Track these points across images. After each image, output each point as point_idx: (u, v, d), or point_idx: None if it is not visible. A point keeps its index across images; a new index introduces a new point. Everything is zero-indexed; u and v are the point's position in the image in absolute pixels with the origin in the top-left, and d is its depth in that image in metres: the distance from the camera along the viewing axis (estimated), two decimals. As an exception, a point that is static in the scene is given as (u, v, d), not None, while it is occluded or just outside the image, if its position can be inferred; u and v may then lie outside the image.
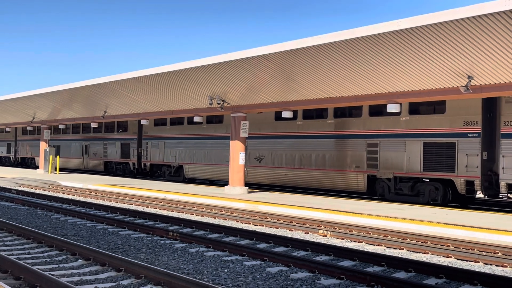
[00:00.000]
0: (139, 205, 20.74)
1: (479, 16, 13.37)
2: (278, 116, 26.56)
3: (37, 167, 48.41)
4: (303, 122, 26.70)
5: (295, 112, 25.54)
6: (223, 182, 31.91)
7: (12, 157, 57.29)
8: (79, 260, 9.93)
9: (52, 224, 15.00)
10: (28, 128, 46.28)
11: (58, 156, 41.43)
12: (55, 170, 40.55)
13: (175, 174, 34.73)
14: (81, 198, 23.36)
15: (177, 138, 34.60)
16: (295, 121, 26.90)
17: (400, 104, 20.11)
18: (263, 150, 28.39)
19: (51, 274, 8.42)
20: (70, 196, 24.24)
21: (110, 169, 41.76)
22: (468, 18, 13.58)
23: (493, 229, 13.93)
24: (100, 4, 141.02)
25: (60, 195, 24.92)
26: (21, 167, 55.67)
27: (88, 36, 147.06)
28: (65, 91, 31.20)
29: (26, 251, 10.80)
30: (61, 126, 41.48)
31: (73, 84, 29.92)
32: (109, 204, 20.52)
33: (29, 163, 54.13)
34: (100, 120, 36.82)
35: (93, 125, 37.24)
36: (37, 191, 26.39)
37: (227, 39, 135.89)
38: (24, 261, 9.65)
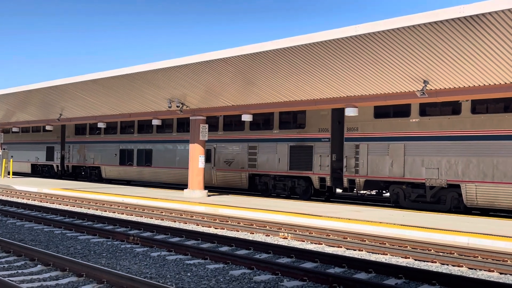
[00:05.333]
0: (97, 209, 20.46)
1: (435, 22, 13.74)
2: None
3: (104, 180, 37.83)
4: None
5: None
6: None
7: (57, 166, 41.70)
8: (39, 266, 9.75)
9: (8, 229, 14.67)
10: (156, 121, 30.92)
11: (11, 160, 40.38)
12: (8, 174, 39.60)
13: (433, 199, 21.12)
14: (36, 203, 22.88)
15: (447, 137, 20.54)
16: None
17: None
18: None
19: (11, 280, 8.25)
20: (25, 201, 23.71)
21: (260, 185, 27.54)
22: (424, 24, 13.93)
23: (449, 230, 14.31)
24: (86, 4, 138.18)
25: (15, 199, 24.36)
26: (71, 178, 41.18)
27: (73, 37, 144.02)
28: (20, 93, 30.55)
29: (-17, 257, 10.55)
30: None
31: (28, 87, 29.33)
32: (66, 209, 20.18)
33: (89, 174, 39.09)
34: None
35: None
36: (-10, 196, 25.73)
37: (224, 39, 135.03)
38: (-19, 267, 9.43)
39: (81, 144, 39.06)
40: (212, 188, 31.61)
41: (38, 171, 44.31)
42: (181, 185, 33.76)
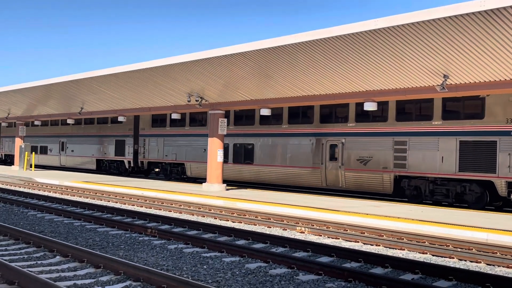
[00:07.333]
0: (117, 202, 20.65)
1: (455, 16, 13.60)
2: None
3: (188, 179, 33.00)
4: None
5: None
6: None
7: (129, 162, 36.77)
8: (57, 257, 9.89)
9: (28, 221, 14.88)
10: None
11: (33, 153, 40.76)
12: (30, 166, 40.00)
13: None
14: (57, 195, 23.16)
15: None
16: None
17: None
18: None
19: (30, 271, 8.37)
20: (46, 193, 24.01)
21: (409, 190, 22.34)
22: (444, 18, 13.80)
23: (467, 226, 14.18)
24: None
25: (36, 191, 24.67)
26: (142, 176, 37.30)
27: (80, 31, 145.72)
28: (41, 87, 30.91)
29: (3, 248, 10.71)
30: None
31: (49, 80, 29.66)
32: (86, 201, 20.40)
33: (168, 172, 34.19)
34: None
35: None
36: (13, 188, 26.08)
37: (226, 35, 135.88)
38: (2, 257, 9.58)
39: (160, 137, 33.98)
40: (339, 192, 27.10)
41: (104, 167, 39.75)
42: (290, 187, 28.78)
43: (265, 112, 23.60)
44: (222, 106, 24.95)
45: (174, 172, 33.65)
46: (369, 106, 19.67)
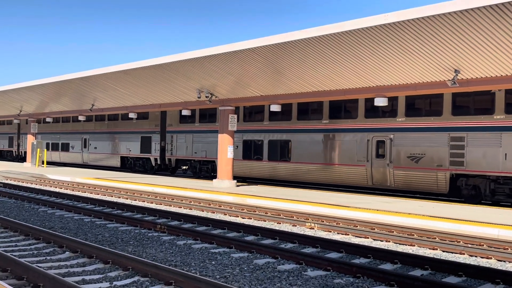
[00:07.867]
0: (127, 198, 20.70)
1: (466, 10, 13.45)
2: None
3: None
4: None
5: None
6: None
7: (155, 159, 35.11)
8: (67, 253, 9.93)
9: (39, 217, 14.96)
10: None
11: (45, 150, 40.91)
12: (43, 163, 40.19)
13: None
14: (68, 191, 23.26)
15: None
16: None
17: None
18: None
19: (38, 266, 8.41)
20: (57, 189, 24.13)
21: (466, 190, 20.64)
22: (454, 12, 13.66)
23: (479, 222, 14.07)
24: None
25: (47, 188, 24.80)
26: (167, 173, 36.33)
27: (79, 28, 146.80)
28: (52, 84, 31.03)
29: (13, 244, 10.77)
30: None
31: (60, 77, 29.76)
32: (96, 197, 20.46)
33: (198, 170, 32.66)
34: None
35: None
36: (24, 184, 26.24)
37: (225, 36, 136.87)
38: (11, 253, 9.64)
39: (189, 133, 32.48)
40: (387, 191, 25.07)
41: (129, 165, 38.10)
42: (328, 186, 27.45)
43: (275, 108, 23.54)
44: (232, 102, 24.93)
45: (204, 170, 32.27)
46: (380, 102, 19.53)
